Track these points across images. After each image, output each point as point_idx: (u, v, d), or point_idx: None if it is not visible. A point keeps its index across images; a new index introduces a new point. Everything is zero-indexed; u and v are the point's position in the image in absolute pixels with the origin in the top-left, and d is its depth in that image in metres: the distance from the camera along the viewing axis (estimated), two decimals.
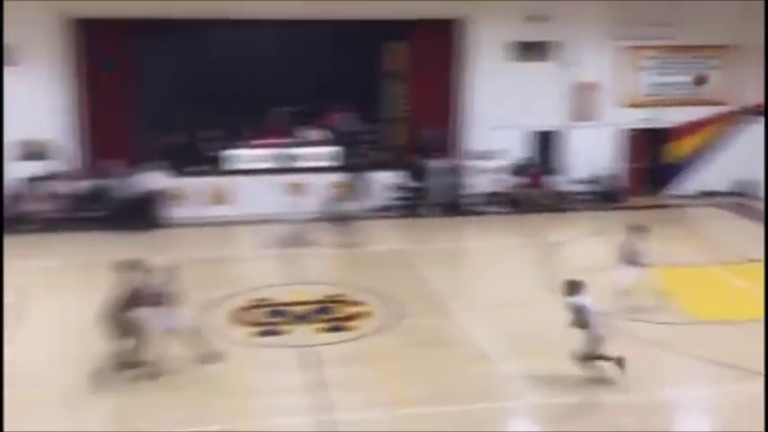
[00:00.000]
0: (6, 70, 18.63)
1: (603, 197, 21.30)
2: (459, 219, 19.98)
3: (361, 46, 21.10)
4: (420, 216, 20.13)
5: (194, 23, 19.62)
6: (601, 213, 20.35)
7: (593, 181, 21.52)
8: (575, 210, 20.68)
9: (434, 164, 20.35)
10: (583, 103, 21.54)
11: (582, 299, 10.14)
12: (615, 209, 20.62)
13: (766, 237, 17.35)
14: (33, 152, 19.17)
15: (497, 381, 10.58)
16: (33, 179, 18.84)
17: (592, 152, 21.48)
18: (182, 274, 11.00)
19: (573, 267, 14.03)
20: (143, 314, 10.29)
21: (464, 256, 17.93)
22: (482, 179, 20.66)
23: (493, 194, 20.72)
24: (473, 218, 20.10)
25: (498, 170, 20.84)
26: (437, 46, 20.78)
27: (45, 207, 18.58)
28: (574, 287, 10.22)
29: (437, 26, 20.60)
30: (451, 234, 19.03)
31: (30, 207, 18.57)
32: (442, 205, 20.22)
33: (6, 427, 9.09)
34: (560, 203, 20.78)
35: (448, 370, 10.80)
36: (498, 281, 15.06)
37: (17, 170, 18.92)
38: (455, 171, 20.48)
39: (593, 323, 10.03)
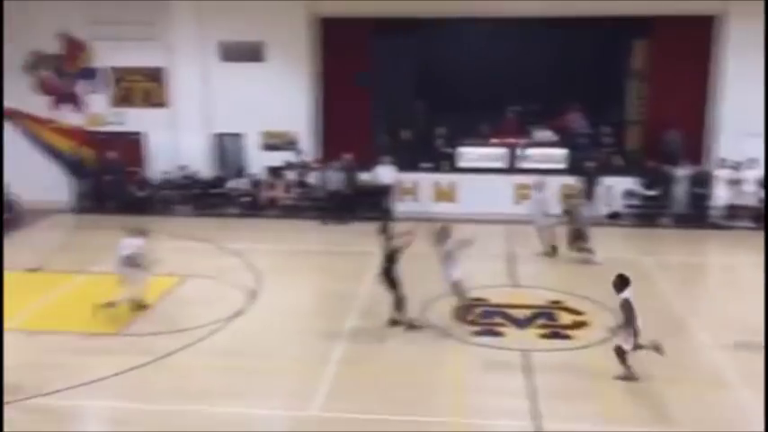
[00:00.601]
0: (254, 66, 20.11)
1: None
2: (699, 232, 18.38)
3: (599, 44, 20.23)
4: (656, 226, 18.80)
5: (433, 22, 19.96)
6: None
7: None
8: None
9: (677, 171, 18.90)
10: None
11: None
12: None
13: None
14: (276, 143, 20.54)
15: (735, 411, 9.47)
16: (275, 168, 20.20)
17: None
18: (405, 270, 11.47)
19: None
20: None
21: (704, 272, 16.44)
22: (729, 190, 18.80)
23: (740, 207, 18.78)
24: (716, 231, 18.39)
25: (748, 181, 18.85)
26: (685, 44, 19.31)
27: (284, 195, 19.85)
28: None
29: (687, 23, 19.12)
30: (691, 247, 17.53)
31: (270, 194, 19.95)
32: (683, 216, 18.71)
33: (242, 395, 9.72)
34: None
35: (677, 392, 9.86)
36: (742, 302, 13.57)
37: (261, 159, 20.41)
38: (700, 180, 18.86)
39: None
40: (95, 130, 21.00)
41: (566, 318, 12.73)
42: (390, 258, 11.97)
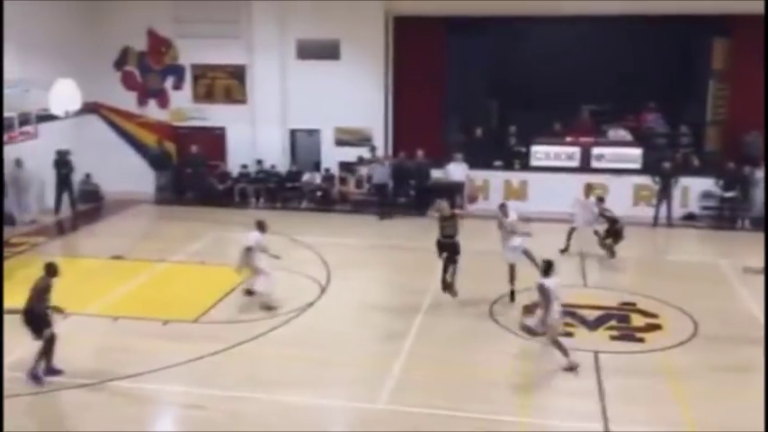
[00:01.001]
0: (330, 63, 20.45)
1: None
2: None
3: (677, 43, 19.75)
4: (734, 228, 18.27)
5: (507, 20, 19.88)
6: None
7: None
8: None
9: (756, 172, 18.30)
10: None
11: None
12: None
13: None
14: (348, 139, 20.84)
15: None
16: (347, 164, 20.51)
17: None
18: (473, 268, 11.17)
19: None
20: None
21: None
22: None
23: None
24: None
25: None
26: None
27: (355, 190, 20.13)
28: None
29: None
30: None
31: (342, 189, 20.26)
32: (761, 218, 18.11)
33: (311, 385, 9.99)
34: None
35: (748, 400, 9.62)
36: None
37: (334, 155, 20.77)
38: None
39: None
40: (178, 125, 21.75)
41: (639, 320, 12.56)
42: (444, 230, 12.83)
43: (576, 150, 19.73)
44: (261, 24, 20.59)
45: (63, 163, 19.32)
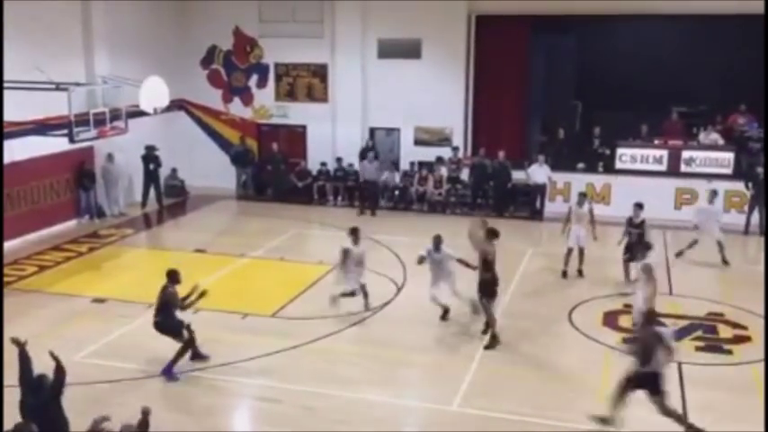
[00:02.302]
0: (410, 62, 20.41)
1: None
2: None
3: None
4: None
5: (594, 19, 19.42)
6: None
7: None
8: None
9: None
10: None
11: None
12: None
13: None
14: (427, 138, 20.76)
15: None
16: (425, 163, 20.41)
17: None
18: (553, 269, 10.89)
19: None
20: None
21: None
22: None
23: None
24: None
25: None
26: None
27: (434, 190, 20.01)
28: None
29: None
30: None
31: (420, 189, 20.17)
32: None
33: (385, 384, 9.98)
34: None
35: None
36: None
37: (413, 154, 20.73)
38: None
39: None
40: (261, 123, 22.15)
41: (726, 331, 12.04)
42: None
43: (664, 153, 19.06)
44: (343, 24, 20.75)
45: (151, 158, 19.92)
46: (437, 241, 12.12)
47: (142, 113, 16.71)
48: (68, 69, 17.00)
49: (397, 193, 20.45)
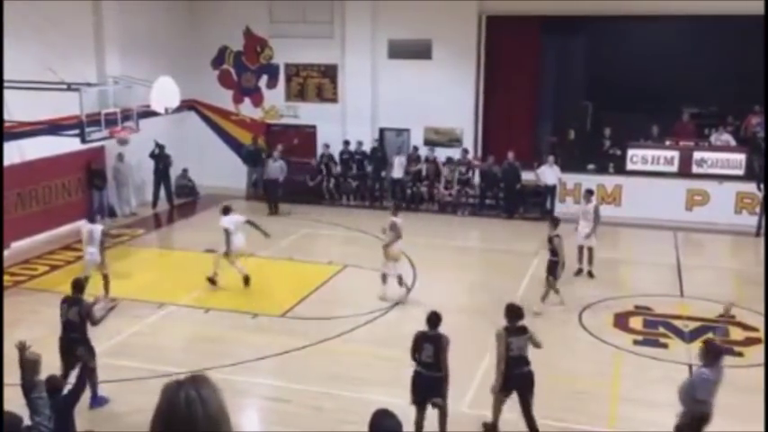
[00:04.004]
0: (420, 63, 20.40)
1: None
2: None
3: None
4: None
5: (605, 19, 19.36)
6: None
7: None
8: None
9: None
10: None
11: None
12: None
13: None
14: (436, 139, 20.74)
15: None
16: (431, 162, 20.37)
17: None
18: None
19: None
20: None
21: None
22: None
23: None
24: None
25: None
26: None
27: (443, 191, 19.98)
28: None
29: None
30: None
31: (429, 189, 20.13)
32: None
33: (392, 385, 9.97)
34: None
35: None
36: None
37: (422, 155, 20.68)
38: None
39: None
40: (271, 123, 22.19)
41: (738, 333, 11.97)
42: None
43: (675, 154, 18.97)
44: (353, 24, 20.76)
45: (161, 156, 19.97)
46: None
47: (153, 113, 16.77)
48: (80, 70, 17.07)
49: (407, 193, 20.32)
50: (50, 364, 7.93)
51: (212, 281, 13.73)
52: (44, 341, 8.23)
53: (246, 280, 13.67)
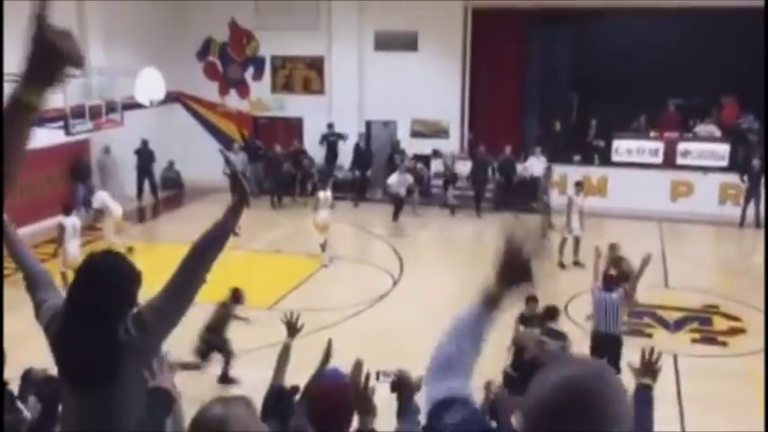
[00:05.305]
0: (407, 55, 20.40)
1: None
2: None
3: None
4: None
5: (590, 12, 19.45)
6: None
7: None
8: None
9: None
10: None
11: None
12: None
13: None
14: (423, 131, 20.76)
15: None
16: (421, 156, 20.38)
17: None
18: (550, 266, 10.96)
19: None
20: None
21: None
22: None
23: None
24: None
25: None
26: None
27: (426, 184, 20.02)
28: None
29: None
30: None
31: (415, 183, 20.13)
32: None
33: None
34: None
35: None
36: None
37: (409, 147, 20.69)
38: None
39: None
40: (257, 115, 22.11)
41: (721, 323, 12.11)
42: None
43: (659, 146, 19.11)
44: (339, 16, 20.71)
45: (145, 152, 19.85)
46: None
47: (138, 106, 16.67)
48: None
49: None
50: (34, 360, 7.85)
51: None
52: (25, 337, 8.14)
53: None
